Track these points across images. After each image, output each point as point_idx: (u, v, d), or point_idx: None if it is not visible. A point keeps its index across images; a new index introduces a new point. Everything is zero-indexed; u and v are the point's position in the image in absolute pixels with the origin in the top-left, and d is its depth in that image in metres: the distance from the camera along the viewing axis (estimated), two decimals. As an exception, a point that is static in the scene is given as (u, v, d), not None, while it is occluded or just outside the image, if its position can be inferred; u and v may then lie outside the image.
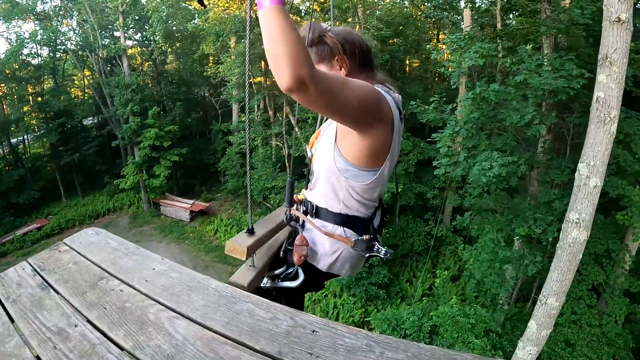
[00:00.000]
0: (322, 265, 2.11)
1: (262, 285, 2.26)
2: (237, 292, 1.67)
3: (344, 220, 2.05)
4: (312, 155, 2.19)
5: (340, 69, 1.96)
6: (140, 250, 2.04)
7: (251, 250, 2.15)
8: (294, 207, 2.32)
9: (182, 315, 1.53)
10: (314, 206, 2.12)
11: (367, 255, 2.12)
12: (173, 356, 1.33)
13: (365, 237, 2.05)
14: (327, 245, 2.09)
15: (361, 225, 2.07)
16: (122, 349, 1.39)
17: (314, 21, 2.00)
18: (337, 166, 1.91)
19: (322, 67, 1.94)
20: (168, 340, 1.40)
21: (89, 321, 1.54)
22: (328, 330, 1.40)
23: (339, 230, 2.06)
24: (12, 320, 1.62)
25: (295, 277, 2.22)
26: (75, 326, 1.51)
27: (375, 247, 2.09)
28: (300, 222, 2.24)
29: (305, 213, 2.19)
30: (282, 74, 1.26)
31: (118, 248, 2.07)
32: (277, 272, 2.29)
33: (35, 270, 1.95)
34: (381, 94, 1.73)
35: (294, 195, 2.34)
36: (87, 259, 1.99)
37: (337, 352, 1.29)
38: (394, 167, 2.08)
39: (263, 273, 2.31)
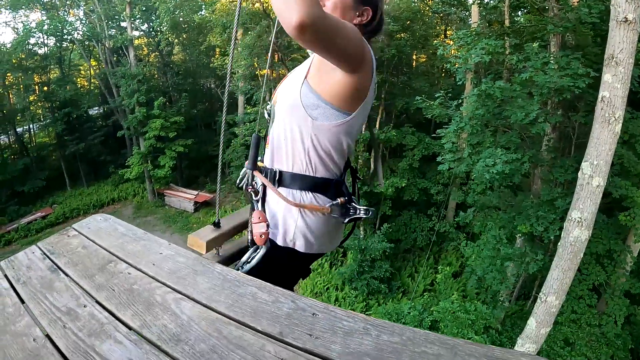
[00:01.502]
0: (300, 246, 1.92)
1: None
2: (241, 275, 1.71)
3: (312, 184, 1.87)
4: (273, 106, 2.01)
5: (356, 18, 1.85)
6: (147, 235, 2.08)
7: (211, 245, 2.15)
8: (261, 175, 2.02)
9: (188, 297, 1.57)
10: (276, 172, 1.91)
11: (347, 220, 1.93)
12: (178, 335, 1.38)
13: (340, 199, 1.89)
14: (299, 219, 1.89)
15: (332, 188, 1.90)
16: (129, 328, 1.44)
17: None
18: (303, 102, 1.78)
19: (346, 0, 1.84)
20: (174, 320, 1.45)
21: (97, 302, 1.59)
22: (327, 314, 1.44)
23: (308, 196, 1.87)
24: (22, 302, 1.65)
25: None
26: (85, 306, 1.56)
27: (352, 209, 1.92)
28: (261, 194, 2.02)
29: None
30: (293, 11, 1.27)
31: (126, 233, 2.11)
32: (243, 258, 2.06)
33: (44, 254, 2.00)
34: (365, 41, 1.68)
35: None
36: (96, 244, 2.03)
37: (335, 334, 1.34)
38: (362, 125, 1.98)
39: (228, 235, 2.31)
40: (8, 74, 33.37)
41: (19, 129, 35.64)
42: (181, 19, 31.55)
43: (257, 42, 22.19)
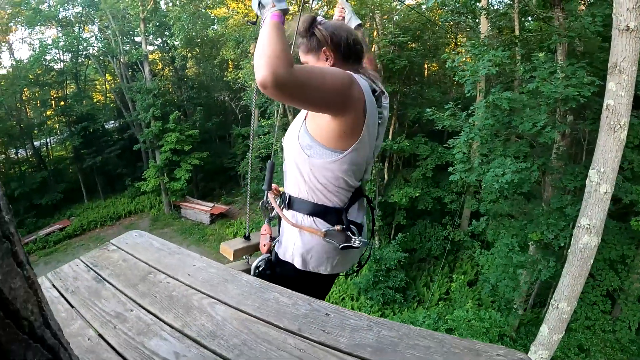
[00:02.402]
0: (297, 262, 2.15)
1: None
2: (265, 283, 1.98)
3: (314, 209, 2.09)
4: (282, 141, 2.28)
5: (326, 60, 2.07)
6: (181, 249, 2.34)
7: (239, 253, 2.42)
8: (273, 197, 2.34)
9: (221, 302, 1.84)
10: (288, 196, 2.18)
11: (340, 246, 2.11)
12: (215, 332, 1.64)
13: (337, 227, 2.07)
14: (297, 239, 2.13)
15: (333, 215, 2.09)
16: (172, 327, 1.69)
17: (305, 14, 2.12)
18: (300, 143, 2.02)
19: (309, 58, 2.11)
20: (210, 320, 1.71)
21: (142, 307, 1.83)
22: (338, 314, 1.71)
23: (308, 221, 2.10)
24: (72, 308, 1.88)
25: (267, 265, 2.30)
26: (131, 311, 1.81)
27: (352, 239, 2.10)
28: (274, 213, 2.31)
29: (282, 206, 2.25)
30: (259, 69, 1.49)
31: (162, 248, 2.36)
32: (253, 264, 2.32)
33: (88, 266, 2.23)
34: (353, 79, 1.81)
35: (275, 186, 2.41)
36: (135, 257, 2.28)
37: (344, 330, 1.61)
38: (371, 157, 2.11)
39: (255, 248, 2.60)
40: (25, 89, 33.93)
41: (36, 143, 36.15)
42: (194, 34, 31.91)
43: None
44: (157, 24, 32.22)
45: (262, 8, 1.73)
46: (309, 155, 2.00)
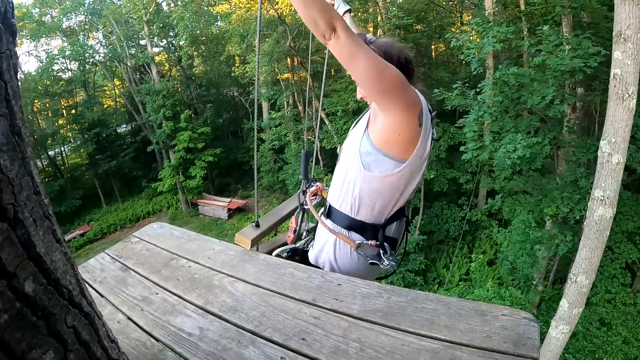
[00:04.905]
0: (327, 269, 2.19)
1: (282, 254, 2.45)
2: (280, 261, 2.12)
3: (349, 224, 2.10)
4: (340, 149, 2.25)
5: None
6: (200, 236, 2.49)
7: (255, 241, 2.49)
8: (312, 198, 2.41)
9: (240, 279, 1.96)
10: (328, 205, 2.21)
11: (369, 262, 2.13)
12: (235, 306, 1.77)
13: (371, 242, 2.07)
14: (331, 247, 2.18)
15: (369, 231, 2.09)
16: (196, 305, 1.82)
17: (359, 32, 2.08)
18: (361, 149, 1.95)
19: None
20: (230, 297, 1.84)
21: (166, 290, 1.96)
22: (349, 284, 1.83)
23: (344, 232, 2.12)
24: (101, 296, 2.00)
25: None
26: (157, 294, 1.93)
27: (382, 258, 2.10)
28: (307, 207, 2.34)
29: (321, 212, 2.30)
30: (320, 27, 1.58)
31: (182, 236, 2.50)
32: (279, 250, 2.43)
33: (113, 258, 2.36)
34: (409, 85, 1.80)
35: (319, 185, 2.51)
36: (157, 246, 2.41)
37: (355, 298, 1.72)
38: (421, 179, 2.10)
39: (266, 233, 2.67)
40: (36, 101, 34.40)
41: (51, 152, 36.62)
42: (198, 32, 31.96)
43: (275, 48, 22.55)
44: (161, 25, 32.26)
45: None
46: (366, 166, 1.96)
